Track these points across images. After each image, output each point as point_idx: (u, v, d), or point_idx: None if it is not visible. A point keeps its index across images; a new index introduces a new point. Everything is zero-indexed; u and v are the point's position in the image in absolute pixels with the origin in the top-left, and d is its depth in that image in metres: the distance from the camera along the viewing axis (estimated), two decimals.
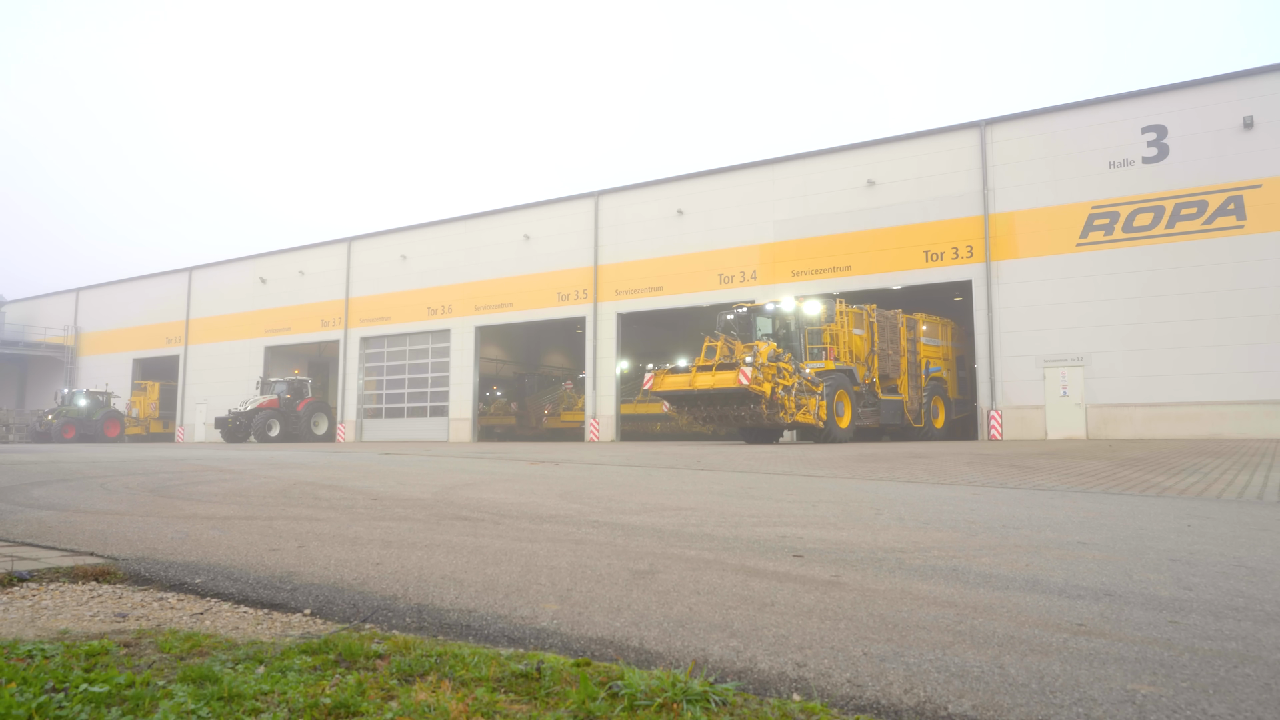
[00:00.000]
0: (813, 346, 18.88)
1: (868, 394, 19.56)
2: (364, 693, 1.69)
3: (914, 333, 21.61)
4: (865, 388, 19.46)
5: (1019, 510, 4.77)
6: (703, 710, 1.59)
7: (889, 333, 20.57)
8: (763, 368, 16.43)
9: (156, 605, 2.63)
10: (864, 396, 19.36)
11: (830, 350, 18.77)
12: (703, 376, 16.88)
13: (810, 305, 19.22)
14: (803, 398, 17.00)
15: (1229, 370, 18.65)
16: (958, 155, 22.51)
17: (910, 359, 21.28)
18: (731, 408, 16.99)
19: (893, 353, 20.57)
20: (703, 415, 17.84)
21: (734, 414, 17.13)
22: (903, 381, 20.90)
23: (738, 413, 17.03)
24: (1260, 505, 5.15)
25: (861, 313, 19.95)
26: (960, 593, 2.57)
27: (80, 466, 9.20)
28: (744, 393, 16.18)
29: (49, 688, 1.66)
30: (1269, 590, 2.59)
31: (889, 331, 20.58)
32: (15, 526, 4.23)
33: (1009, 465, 8.71)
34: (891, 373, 20.44)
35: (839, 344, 19.02)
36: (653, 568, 3.00)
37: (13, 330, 47.32)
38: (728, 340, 18.33)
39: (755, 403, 16.47)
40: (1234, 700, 1.62)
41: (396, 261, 33.88)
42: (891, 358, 20.49)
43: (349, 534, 3.90)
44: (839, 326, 19.11)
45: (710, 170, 27.00)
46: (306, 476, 7.62)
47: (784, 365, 16.92)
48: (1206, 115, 19.52)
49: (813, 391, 17.27)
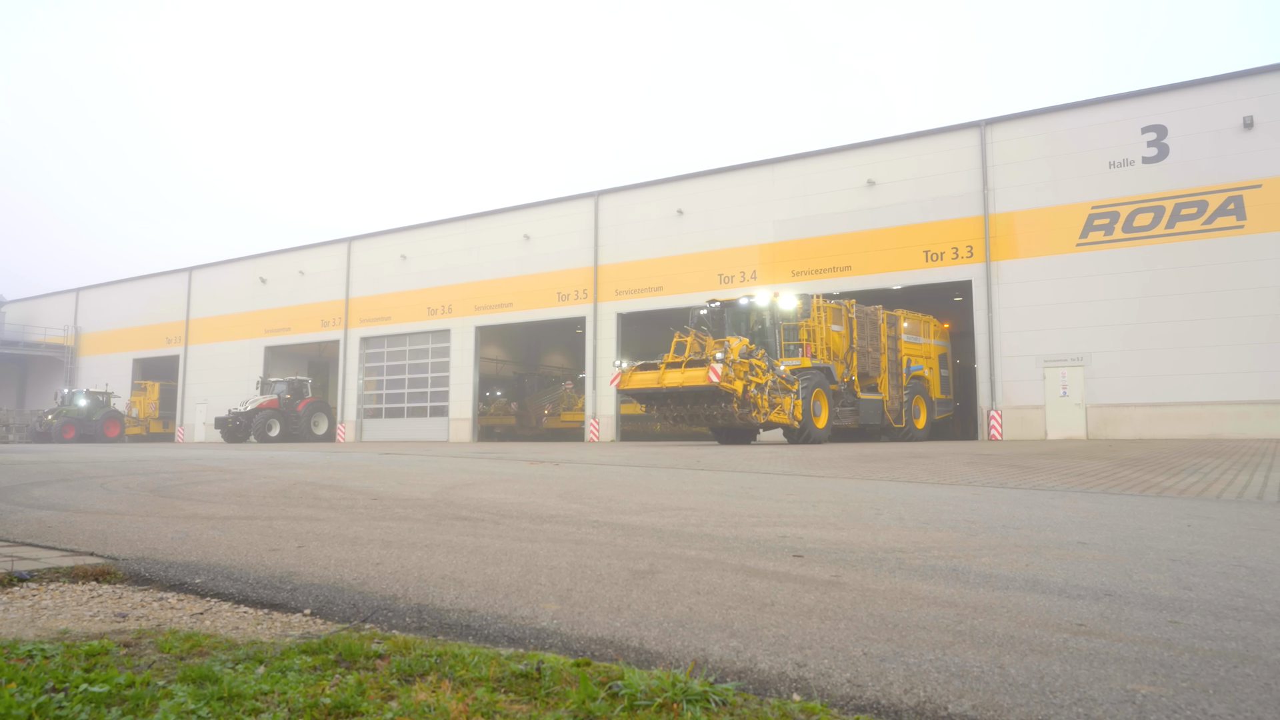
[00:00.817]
0: (789, 343, 18.28)
1: (846, 393, 18.90)
2: (364, 693, 1.69)
3: (895, 330, 20.99)
4: (844, 386, 18.82)
5: (1019, 510, 4.77)
6: (703, 710, 1.59)
7: (868, 329, 19.93)
8: (734, 364, 15.78)
9: (156, 605, 2.63)
10: (842, 395, 18.72)
11: (807, 347, 18.16)
12: (672, 374, 16.21)
13: (786, 299, 18.55)
14: (777, 396, 16.40)
15: (1229, 370, 18.65)
16: (958, 155, 22.51)
17: (891, 357, 20.66)
18: (702, 406, 16.35)
19: (872, 350, 19.94)
20: (673, 414, 17.13)
21: (705, 413, 16.52)
22: (883, 380, 20.26)
23: (709, 412, 16.40)
24: (1260, 505, 5.15)
25: (840, 308, 19.35)
26: (960, 593, 2.57)
27: (80, 466, 9.20)
28: (714, 391, 15.54)
29: (49, 688, 1.66)
30: (1269, 590, 2.59)
31: (868, 328, 19.95)
32: (15, 526, 4.23)
33: (1009, 465, 8.71)
34: (871, 371, 19.80)
35: (816, 340, 18.39)
36: (653, 568, 3.00)
37: (13, 330, 47.34)
38: (699, 336, 17.67)
39: (726, 401, 15.85)
40: (1234, 700, 1.62)
41: (396, 261, 33.89)
42: (871, 355, 19.85)
43: (349, 534, 3.90)
44: (816, 322, 18.44)
45: (710, 170, 27.00)
46: (306, 476, 7.62)
47: (757, 362, 16.29)
48: (1206, 115, 19.52)
49: (788, 390, 16.67)
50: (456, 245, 32.28)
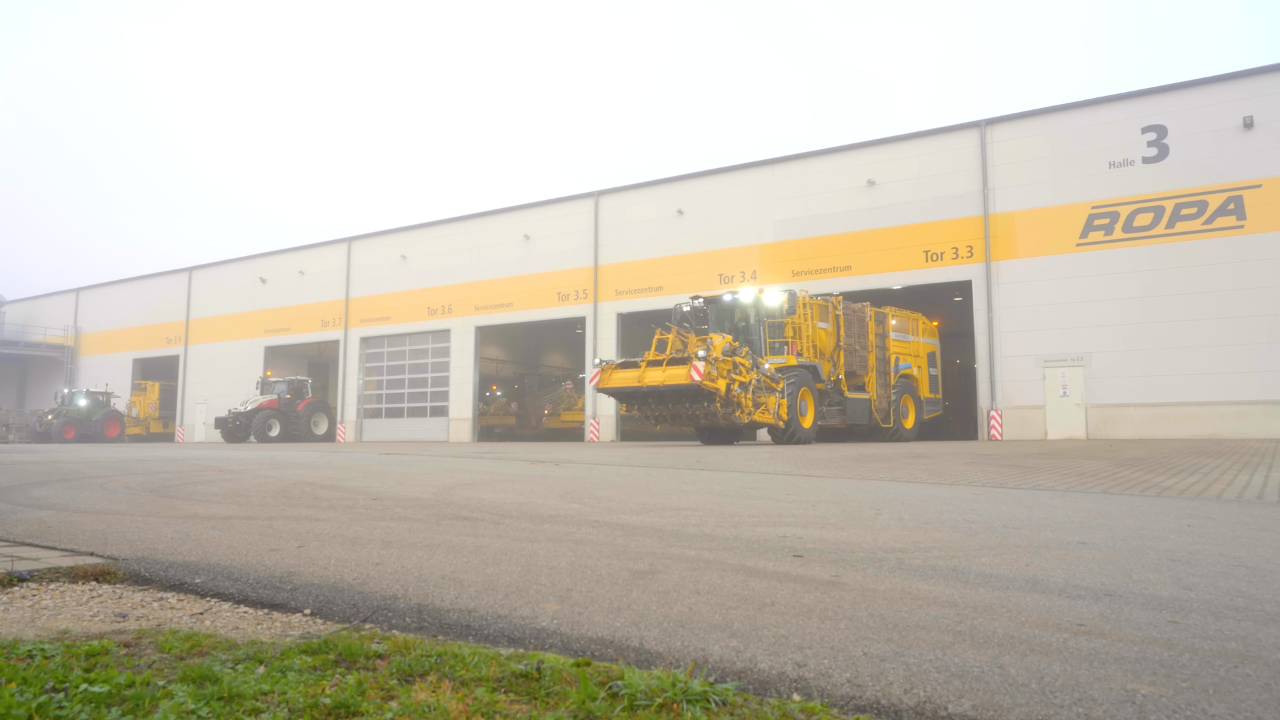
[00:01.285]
0: (773, 340, 17.61)
1: (833, 392, 18.36)
2: (364, 693, 1.69)
3: (883, 327, 20.42)
4: (830, 385, 18.23)
5: (1019, 510, 4.77)
6: (703, 710, 1.59)
7: (856, 326, 19.34)
8: (717, 362, 15.18)
9: (156, 605, 2.63)
10: (829, 395, 18.17)
11: (793, 345, 17.56)
12: (652, 372, 15.58)
13: (771, 295, 17.88)
14: (761, 395, 15.85)
15: (1229, 370, 18.65)
16: (958, 155, 22.52)
17: (879, 355, 20.06)
18: (684, 406, 15.79)
19: (860, 348, 19.35)
20: (654, 414, 16.52)
21: (687, 412, 15.93)
22: (870, 379, 19.66)
23: (690, 411, 15.84)
24: (1260, 505, 5.15)
25: (826, 305, 18.80)
26: (960, 593, 2.57)
27: (80, 466, 9.20)
28: (696, 389, 14.95)
29: (49, 688, 1.66)
30: (1269, 590, 2.59)
31: (856, 325, 19.35)
32: (15, 526, 4.23)
33: (1009, 465, 8.71)
34: (859, 369, 19.23)
35: (802, 338, 17.82)
36: (653, 568, 3.00)
37: (13, 330, 47.35)
38: (680, 333, 17.14)
39: (709, 400, 15.29)
40: (1234, 700, 1.62)
41: (396, 261, 33.89)
42: (859, 353, 19.26)
43: (349, 534, 3.90)
44: (802, 319, 17.84)
45: (710, 170, 27.00)
46: (306, 476, 7.62)
47: (740, 360, 15.70)
48: (1206, 115, 19.52)
49: (773, 389, 16.12)
50: (456, 245, 32.29)
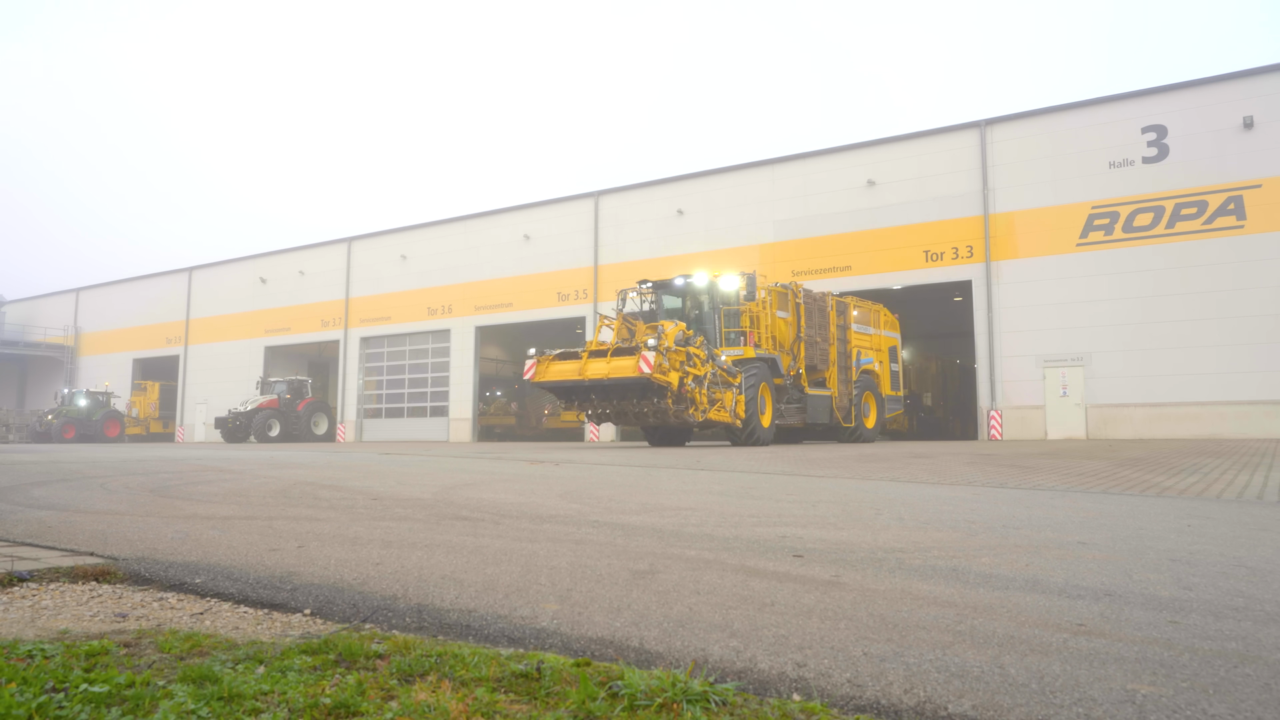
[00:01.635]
0: (729, 330, 15.97)
1: (792, 388, 16.76)
2: (364, 693, 1.69)
3: (844, 318, 18.82)
4: (790, 380, 16.64)
5: (1019, 510, 4.76)
6: (703, 710, 1.59)
7: (816, 317, 17.67)
8: (669, 353, 13.38)
9: (156, 605, 2.63)
10: (787, 391, 16.58)
11: (750, 335, 16.00)
12: (595, 364, 13.76)
13: (727, 280, 16.12)
14: (717, 391, 14.19)
15: (1229, 370, 18.66)
16: (958, 155, 22.52)
17: (840, 348, 18.42)
18: (630, 402, 13.90)
19: (821, 340, 17.71)
20: (597, 411, 14.71)
21: (634, 410, 14.12)
22: (832, 374, 18.00)
23: (638, 409, 14.02)
24: (1260, 505, 5.15)
25: (786, 293, 17.20)
26: (960, 593, 2.57)
27: (80, 466, 9.20)
28: (645, 384, 13.13)
29: (49, 688, 1.66)
30: (1269, 590, 2.59)
31: (816, 315, 17.69)
32: (15, 526, 4.23)
33: (1009, 465, 8.71)
34: (820, 364, 17.52)
35: (760, 328, 16.25)
36: (653, 568, 3.00)
37: (13, 330, 47.36)
38: (627, 320, 15.34)
39: (660, 396, 13.45)
40: (1234, 700, 1.62)
41: (396, 261, 33.89)
42: (820, 346, 17.60)
43: (349, 534, 3.90)
44: (760, 308, 16.29)
45: (710, 170, 27.01)
46: (306, 476, 7.61)
47: (695, 351, 13.96)
48: (1206, 115, 19.53)
49: (729, 384, 14.49)
50: (456, 245, 32.29)
